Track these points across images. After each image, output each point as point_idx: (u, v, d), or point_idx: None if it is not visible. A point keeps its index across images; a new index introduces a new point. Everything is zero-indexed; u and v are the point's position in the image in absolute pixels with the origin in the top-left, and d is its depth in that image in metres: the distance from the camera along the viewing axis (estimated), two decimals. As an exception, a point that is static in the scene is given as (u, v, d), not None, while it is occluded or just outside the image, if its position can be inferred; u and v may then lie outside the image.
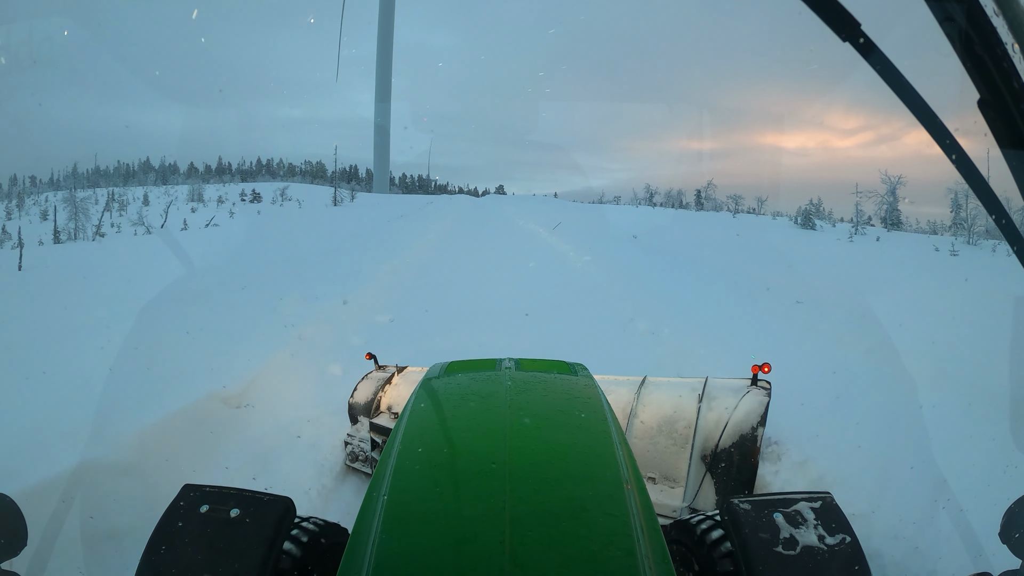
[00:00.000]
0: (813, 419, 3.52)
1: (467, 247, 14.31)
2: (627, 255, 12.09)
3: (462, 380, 2.20)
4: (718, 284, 8.16)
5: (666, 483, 2.96)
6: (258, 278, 8.13)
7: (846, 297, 6.00)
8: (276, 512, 1.72)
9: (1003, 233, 0.88)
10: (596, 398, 1.94)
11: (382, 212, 23.14)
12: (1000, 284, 6.63)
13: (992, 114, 0.79)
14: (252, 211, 25.30)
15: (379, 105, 47.90)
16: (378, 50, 44.71)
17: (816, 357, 4.50)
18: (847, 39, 0.80)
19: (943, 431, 2.96)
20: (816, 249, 14.31)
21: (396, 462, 1.52)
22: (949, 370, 3.52)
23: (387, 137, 44.70)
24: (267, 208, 27.00)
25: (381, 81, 45.35)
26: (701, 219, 24.20)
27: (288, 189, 32.78)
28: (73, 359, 4.03)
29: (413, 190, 59.05)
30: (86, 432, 2.93)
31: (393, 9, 44.83)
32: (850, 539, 1.55)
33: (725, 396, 3.08)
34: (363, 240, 14.13)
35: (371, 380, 3.88)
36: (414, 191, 57.67)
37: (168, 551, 1.60)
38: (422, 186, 60.74)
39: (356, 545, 1.25)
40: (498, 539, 1.17)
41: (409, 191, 57.75)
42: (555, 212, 22.89)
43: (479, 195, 54.03)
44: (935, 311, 4.84)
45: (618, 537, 1.21)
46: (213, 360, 4.44)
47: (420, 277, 10.18)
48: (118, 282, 8.20)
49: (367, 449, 3.64)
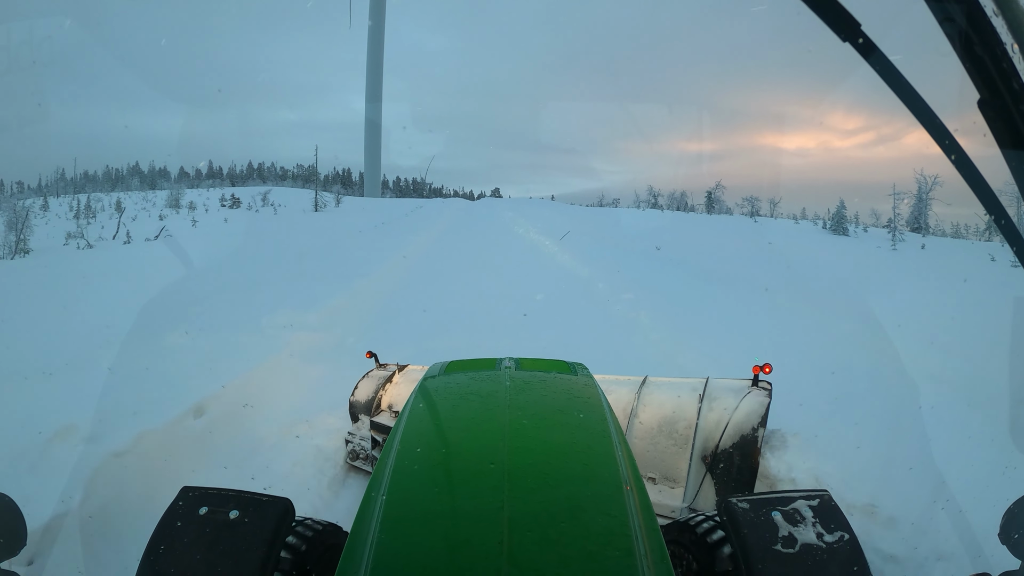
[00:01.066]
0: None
1: (453, 267, 11.15)
2: (660, 275, 9.66)
3: (461, 380, 2.20)
4: (793, 317, 6.44)
5: (666, 483, 2.96)
6: (158, 322, 5.63)
7: (974, 342, 4.58)
8: (275, 513, 1.72)
9: (1003, 233, 0.88)
10: (596, 398, 1.94)
11: (361, 219, 20.52)
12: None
13: (992, 114, 0.79)
14: (220, 219, 22.02)
15: (370, 105, 46.33)
16: (368, 48, 43.50)
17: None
18: (847, 39, 0.80)
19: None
20: (867, 261, 12.62)
21: (395, 462, 1.51)
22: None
23: (379, 139, 43.48)
24: (239, 215, 23.68)
25: (372, 80, 44.00)
26: (719, 224, 21.62)
27: (271, 193, 30.29)
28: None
29: (408, 193, 58.13)
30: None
31: (384, 7, 43.89)
32: (848, 536, 1.55)
33: (726, 396, 3.07)
34: (326, 256, 11.43)
35: (372, 378, 3.88)
36: (409, 195, 56.79)
37: (168, 553, 1.60)
38: (417, 190, 59.67)
39: (354, 545, 1.25)
40: (496, 539, 1.17)
41: (404, 195, 56.90)
42: (557, 217, 20.12)
43: (474, 198, 53.05)
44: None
45: (616, 537, 1.21)
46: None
47: (382, 323, 6.99)
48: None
49: (367, 447, 3.64)
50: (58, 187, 35.85)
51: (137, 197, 32.53)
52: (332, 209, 28.01)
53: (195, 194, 32.92)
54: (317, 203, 27.84)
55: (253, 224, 19.91)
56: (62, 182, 37.40)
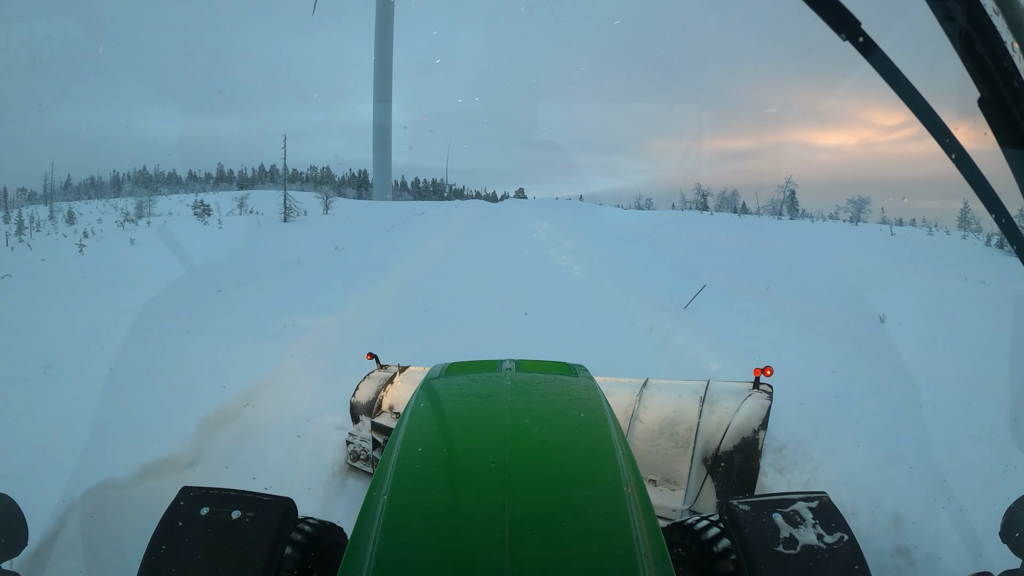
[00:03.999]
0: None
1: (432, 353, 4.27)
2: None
3: (462, 381, 2.20)
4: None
5: (667, 485, 2.96)
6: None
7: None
8: (277, 513, 1.71)
9: (1003, 233, 0.88)
10: (596, 399, 1.94)
11: (328, 234, 16.14)
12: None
13: (992, 113, 0.79)
14: (125, 240, 17.02)
15: (378, 106, 45.67)
16: (376, 47, 43.02)
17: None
18: (847, 38, 0.80)
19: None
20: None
21: (396, 462, 1.52)
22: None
23: (388, 140, 42.88)
24: (145, 235, 17.97)
25: (380, 80, 43.44)
26: (857, 237, 16.70)
27: (249, 198, 26.59)
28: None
29: (427, 195, 55.53)
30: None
31: (392, 7, 43.53)
32: (848, 537, 1.56)
33: (727, 399, 3.07)
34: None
35: (373, 380, 3.88)
36: (428, 196, 54.45)
37: (168, 554, 1.60)
38: (437, 191, 56.99)
39: (356, 545, 1.25)
40: (497, 539, 1.17)
41: (423, 196, 54.68)
42: (612, 232, 13.70)
43: (497, 199, 49.89)
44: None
45: (617, 538, 1.21)
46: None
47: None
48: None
49: (368, 448, 3.64)
50: (51, 194, 33.99)
51: (110, 205, 28.80)
52: (312, 218, 23.76)
53: (171, 201, 29.54)
54: (287, 212, 23.23)
55: (204, 241, 15.27)
56: (59, 188, 35.99)
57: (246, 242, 15.78)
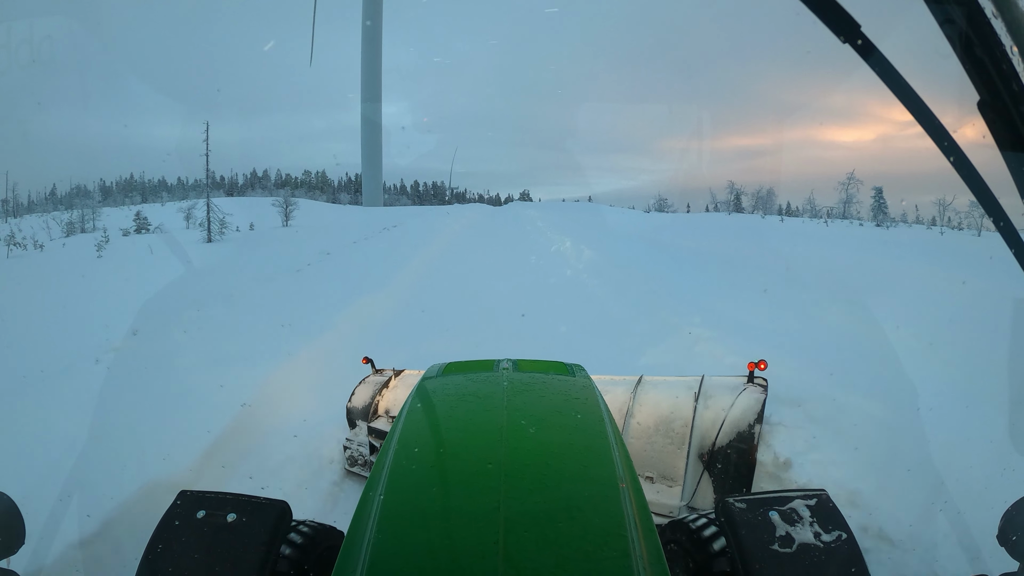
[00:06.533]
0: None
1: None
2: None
3: (459, 381, 2.19)
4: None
5: (664, 482, 2.95)
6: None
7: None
8: (273, 516, 1.71)
9: (1002, 235, 0.88)
10: (593, 399, 1.93)
11: (245, 264, 11.45)
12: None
13: (992, 116, 0.79)
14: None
15: (367, 105, 39.27)
16: (363, 44, 38.30)
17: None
18: (847, 41, 0.80)
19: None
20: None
21: (392, 463, 1.51)
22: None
23: (379, 142, 38.03)
24: (76, 254, 14.53)
25: (368, 77, 38.11)
26: (926, 244, 14.16)
27: (196, 208, 20.82)
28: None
29: (428, 199, 52.13)
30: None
31: (381, 6, 38.44)
32: (846, 536, 1.55)
33: (722, 394, 3.07)
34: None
35: (368, 384, 3.87)
36: (428, 201, 51.39)
37: (165, 557, 1.59)
38: (437, 195, 53.55)
39: (351, 546, 1.24)
40: (492, 539, 1.17)
41: (422, 200, 51.70)
42: (651, 248, 10.78)
43: (501, 203, 45.86)
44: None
45: (612, 537, 1.21)
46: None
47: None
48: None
49: (365, 453, 3.62)
50: (41, 202, 31.82)
51: (64, 216, 23.79)
52: (250, 235, 18.68)
53: (120, 211, 24.38)
54: (210, 230, 17.23)
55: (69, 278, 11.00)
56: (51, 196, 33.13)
57: (129, 287, 9.21)
